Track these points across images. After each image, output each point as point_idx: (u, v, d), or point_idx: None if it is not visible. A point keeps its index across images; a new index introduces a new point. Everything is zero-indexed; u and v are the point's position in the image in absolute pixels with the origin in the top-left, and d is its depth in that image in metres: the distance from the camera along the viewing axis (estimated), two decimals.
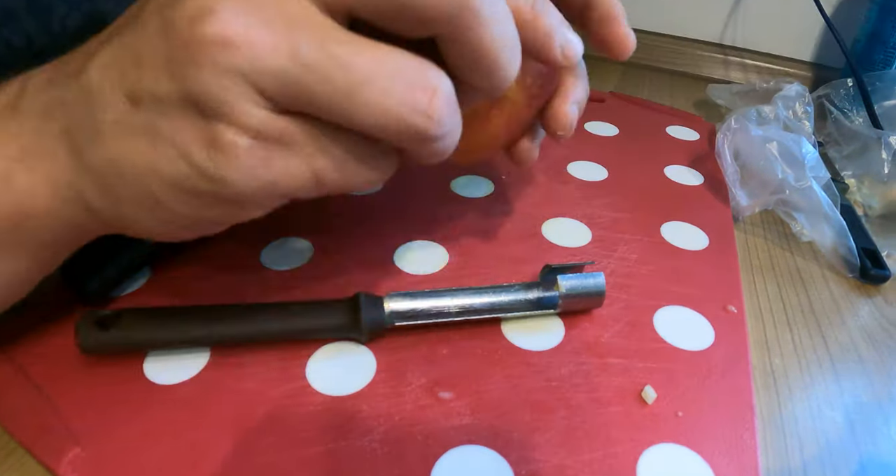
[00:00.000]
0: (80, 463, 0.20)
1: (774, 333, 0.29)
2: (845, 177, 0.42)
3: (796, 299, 0.31)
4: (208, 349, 0.24)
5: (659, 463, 0.21)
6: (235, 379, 0.23)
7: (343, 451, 0.20)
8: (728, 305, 0.28)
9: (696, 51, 0.67)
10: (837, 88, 0.49)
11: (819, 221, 0.34)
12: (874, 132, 0.41)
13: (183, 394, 0.22)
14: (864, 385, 0.26)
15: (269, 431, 0.21)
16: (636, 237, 0.33)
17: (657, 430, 0.22)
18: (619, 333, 0.26)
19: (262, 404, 0.22)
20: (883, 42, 0.52)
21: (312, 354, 0.24)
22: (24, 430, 0.21)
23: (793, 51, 0.64)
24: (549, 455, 0.21)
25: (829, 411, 0.25)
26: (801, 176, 0.35)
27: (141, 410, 0.22)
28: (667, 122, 0.49)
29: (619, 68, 0.67)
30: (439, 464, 0.20)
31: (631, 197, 0.37)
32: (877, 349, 0.28)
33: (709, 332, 0.27)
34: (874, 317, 0.31)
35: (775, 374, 0.27)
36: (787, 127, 0.41)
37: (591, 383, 0.24)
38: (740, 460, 0.21)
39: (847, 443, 0.23)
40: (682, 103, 0.57)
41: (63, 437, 0.20)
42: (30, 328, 0.25)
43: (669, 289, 0.29)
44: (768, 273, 0.33)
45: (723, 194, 0.38)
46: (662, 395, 0.23)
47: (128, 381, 0.23)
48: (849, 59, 0.48)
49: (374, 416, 0.22)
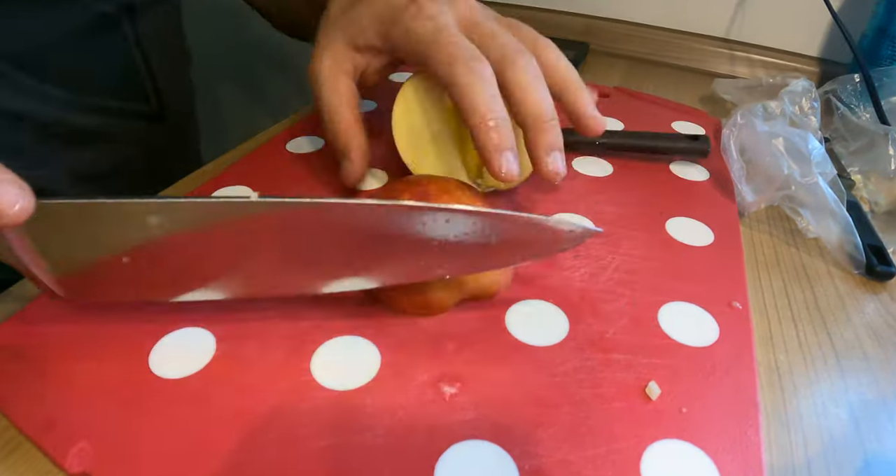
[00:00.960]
0: (85, 456, 0.20)
1: (779, 330, 0.29)
2: (852, 173, 0.41)
3: (801, 296, 0.31)
4: (214, 344, 0.24)
5: (662, 459, 0.21)
6: (241, 373, 0.23)
7: (347, 446, 0.20)
8: (733, 302, 0.28)
9: (702, 46, 0.66)
10: (844, 84, 0.48)
11: (825, 218, 0.34)
12: (881, 128, 0.41)
13: (188, 388, 0.22)
14: (869, 382, 0.26)
15: (273, 426, 0.21)
16: (641, 233, 0.33)
17: (661, 426, 0.22)
18: (624, 329, 0.26)
19: (268, 399, 0.22)
20: (891, 37, 0.51)
21: (318, 349, 0.24)
22: (30, 424, 0.21)
23: (799, 46, 0.64)
24: (552, 450, 0.21)
25: (834, 408, 0.25)
26: (808, 172, 0.34)
27: (146, 404, 0.22)
28: (672, 118, 0.49)
29: (625, 63, 0.66)
30: (443, 458, 0.20)
31: (636, 192, 0.37)
32: (882, 346, 0.28)
33: (713, 329, 0.27)
34: (880, 313, 0.31)
35: (780, 371, 0.26)
36: (793, 122, 0.41)
37: (595, 379, 0.24)
38: (744, 457, 0.21)
39: (852, 440, 0.23)
40: (687, 98, 0.56)
41: (69, 430, 0.20)
42: (35, 323, 0.25)
43: (674, 285, 0.29)
44: (773, 269, 0.33)
45: (728, 190, 0.38)
46: (666, 392, 0.23)
47: (133, 374, 0.23)
48: (856, 55, 0.48)
49: (378, 411, 0.22)
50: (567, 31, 0.70)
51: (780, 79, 0.50)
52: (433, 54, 0.28)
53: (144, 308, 0.26)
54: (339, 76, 0.32)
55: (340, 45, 0.32)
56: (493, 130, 0.27)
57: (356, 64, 0.33)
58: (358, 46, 0.32)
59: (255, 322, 0.25)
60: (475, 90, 0.27)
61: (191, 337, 0.25)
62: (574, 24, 0.71)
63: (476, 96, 0.27)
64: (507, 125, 0.27)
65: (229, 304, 0.26)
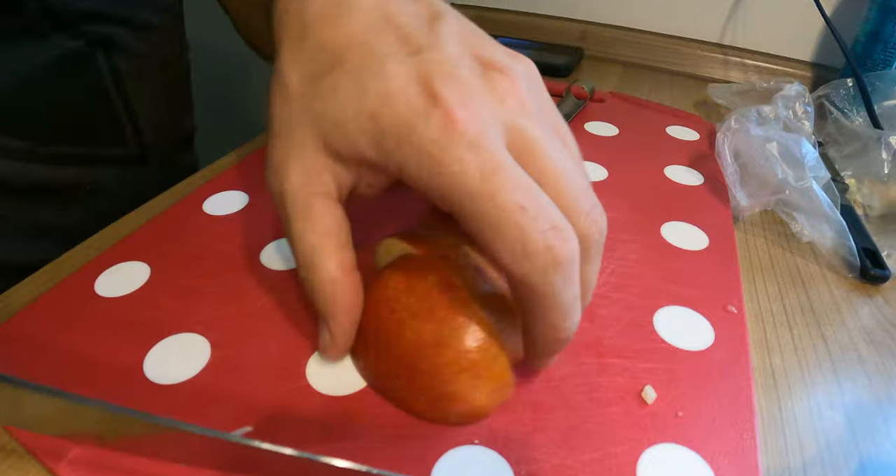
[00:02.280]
0: (79, 463, 0.20)
1: (774, 333, 0.29)
2: (845, 177, 0.42)
3: (796, 299, 0.31)
4: (208, 349, 0.24)
5: (659, 463, 0.21)
6: (235, 379, 0.23)
7: (343, 452, 0.20)
8: (728, 305, 0.28)
9: (696, 50, 0.67)
10: (837, 88, 0.49)
11: (819, 221, 0.34)
12: (874, 132, 0.41)
13: (183, 393, 0.22)
14: (864, 385, 0.26)
15: (269, 431, 0.21)
16: (636, 237, 0.33)
17: (657, 430, 0.22)
18: (619, 333, 0.26)
19: (263, 404, 0.22)
20: (883, 42, 0.52)
21: (313, 354, 0.24)
22: (23, 430, 0.21)
23: (793, 51, 0.64)
24: (548, 455, 0.21)
25: (830, 411, 0.25)
26: (801, 176, 0.34)
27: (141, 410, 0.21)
28: (667, 122, 0.49)
29: (619, 68, 0.67)
30: (439, 464, 0.20)
31: (631, 197, 0.37)
32: (877, 349, 0.28)
33: (709, 333, 0.27)
34: (874, 317, 0.31)
35: (775, 375, 0.27)
36: (787, 127, 0.41)
37: (590, 383, 0.24)
38: (740, 460, 0.21)
39: (847, 443, 0.23)
40: (682, 103, 0.57)
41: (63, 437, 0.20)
42: (29, 327, 0.25)
43: (669, 289, 0.29)
44: (768, 273, 0.33)
45: (723, 194, 0.38)
46: (662, 396, 0.23)
47: (127, 380, 0.23)
48: (849, 59, 0.48)
49: (374, 417, 0.22)
50: (562, 37, 0.71)
51: (774, 83, 0.50)
52: (486, 224, 0.18)
53: (140, 313, 0.25)
54: (314, 201, 0.21)
55: (313, 150, 0.21)
56: (562, 343, 0.20)
57: (340, 180, 0.21)
58: (339, 154, 0.21)
59: (249, 328, 0.25)
60: (556, 301, 0.18)
61: (185, 343, 0.24)
62: (569, 29, 0.71)
63: (555, 308, 0.18)
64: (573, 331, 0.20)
65: (224, 310, 0.26)
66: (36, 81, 0.35)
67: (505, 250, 0.17)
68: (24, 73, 0.34)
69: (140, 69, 0.41)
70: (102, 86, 0.39)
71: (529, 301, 0.18)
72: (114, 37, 0.38)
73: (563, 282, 0.18)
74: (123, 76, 0.40)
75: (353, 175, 0.21)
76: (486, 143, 0.18)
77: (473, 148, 0.18)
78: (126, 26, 0.39)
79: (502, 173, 0.18)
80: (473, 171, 0.17)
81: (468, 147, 0.18)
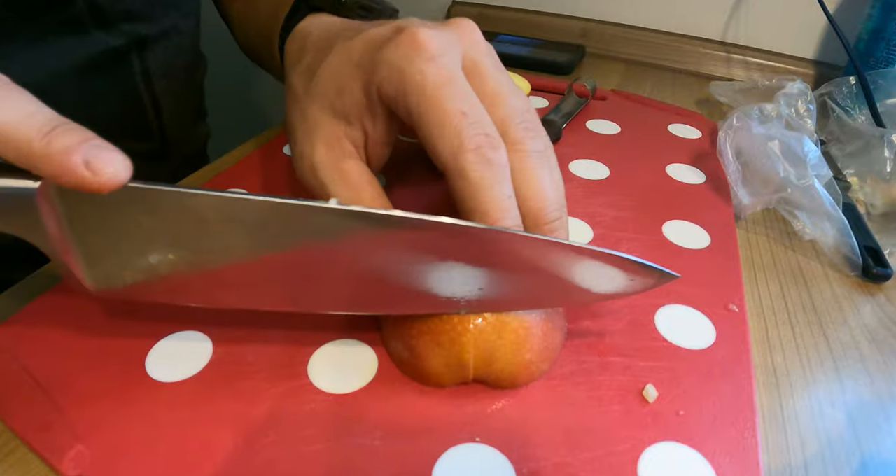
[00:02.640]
0: (82, 460, 0.20)
1: (776, 332, 0.29)
2: (847, 175, 0.41)
3: (798, 298, 0.31)
4: (210, 347, 0.24)
5: (660, 461, 0.21)
6: (237, 376, 0.23)
7: (345, 449, 0.20)
8: (730, 304, 0.28)
9: (699, 48, 0.67)
10: (840, 86, 0.48)
11: (821, 220, 0.34)
12: (877, 130, 0.41)
13: (185, 391, 0.22)
14: (865, 383, 0.26)
15: (271, 429, 0.21)
16: (638, 236, 0.33)
17: (658, 429, 0.22)
18: (621, 332, 0.26)
19: (264, 402, 0.22)
20: (886, 40, 0.51)
21: (314, 353, 0.24)
22: (26, 428, 0.21)
23: (795, 48, 0.64)
24: (550, 453, 0.21)
25: (831, 410, 0.25)
26: (804, 174, 0.34)
27: (143, 408, 0.22)
28: (669, 120, 0.49)
29: (621, 66, 0.66)
30: (441, 462, 0.20)
31: (632, 195, 0.37)
32: (878, 348, 0.28)
33: (710, 331, 0.27)
34: (876, 315, 0.31)
35: (777, 373, 0.27)
36: (789, 125, 0.41)
37: (592, 382, 0.24)
38: (742, 459, 0.21)
39: (849, 441, 0.23)
40: (684, 101, 0.57)
41: (65, 434, 0.20)
42: (32, 326, 0.25)
43: (671, 287, 0.29)
44: (770, 271, 0.33)
45: (724, 192, 0.38)
46: (663, 394, 0.23)
47: (130, 378, 0.23)
48: (851, 57, 0.48)
49: (375, 414, 0.22)
50: (564, 34, 0.71)
51: (776, 81, 0.50)
52: (432, 122, 0.21)
53: (141, 311, 0.25)
54: (343, 162, 0.25)
55: (327, 123, 0.25)
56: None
57: (354, 140, 0.25)
58: (346, 114, 0.25)
59: (251, 326, 0.25)
60: (489, 195, 0.21)
61: (188, 340, 0.24)
62: (571, 27, 0.71)
63: (490, 203, 0.21)
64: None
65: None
66: (78, 76, 0.36)
67: (444, 145, 0.21)
68: (68, 67, 0.35)
69: (164, 71, 0.42)
70: (133, 83, 0.41)
71: (465, 191, 0.21)
72: (147, 37, 0.40)
73: (494, 178, 0.21)
74: (152, 76, 0.41)
75: (361, 131, 0.25)
76: (444, 60, 0.22)
77: (433, 62, 0.22)
78: (158, 28, 0.41)
79: (453, 85, 0.21)
80: (431, 80, 0.21)
81: (429, 60, 0.22)
